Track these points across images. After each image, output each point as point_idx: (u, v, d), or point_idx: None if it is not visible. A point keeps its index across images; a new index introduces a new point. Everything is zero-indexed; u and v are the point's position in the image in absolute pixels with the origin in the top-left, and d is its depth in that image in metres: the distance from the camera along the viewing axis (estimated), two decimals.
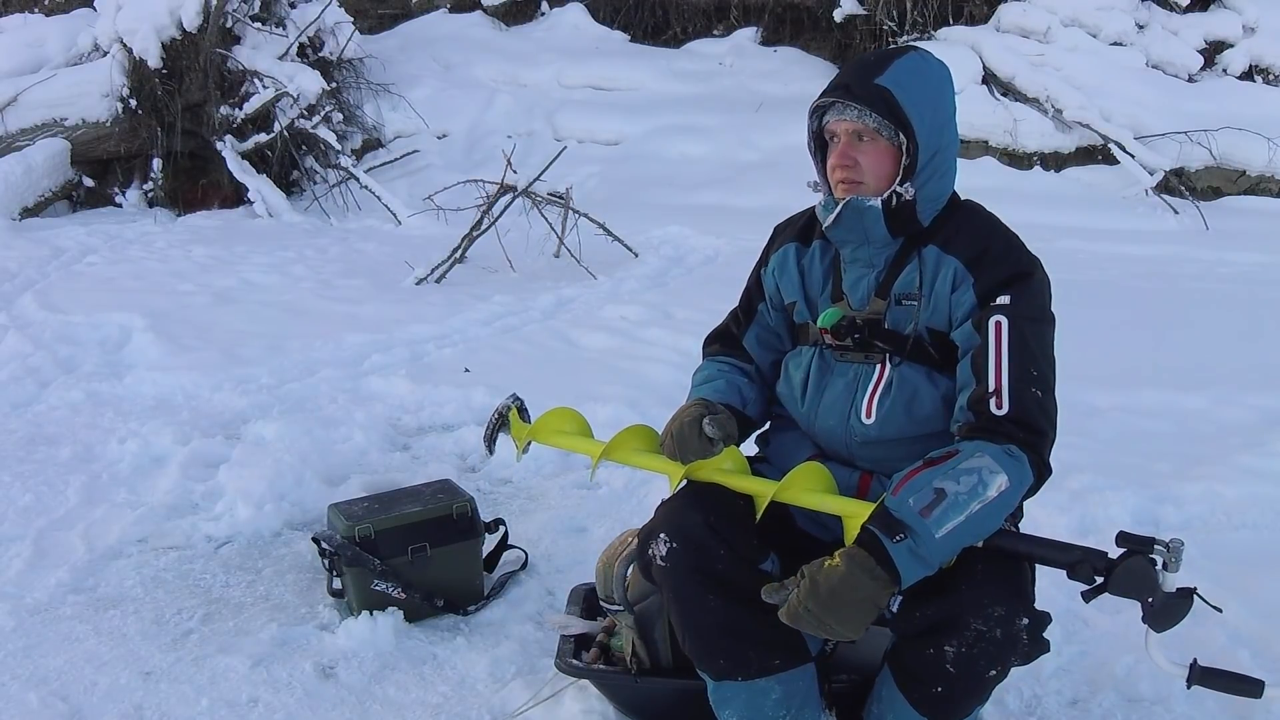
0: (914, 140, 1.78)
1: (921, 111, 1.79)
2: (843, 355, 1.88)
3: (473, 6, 11.27)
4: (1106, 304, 5.54)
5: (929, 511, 1.57)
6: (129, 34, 8.18)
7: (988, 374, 1.71)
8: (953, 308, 1.80)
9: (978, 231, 1.84)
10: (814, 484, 1.75)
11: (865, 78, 1.79)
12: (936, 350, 1.82)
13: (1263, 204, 8.35)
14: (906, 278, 1.84)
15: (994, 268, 1.78)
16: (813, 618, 1.59)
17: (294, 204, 8.37)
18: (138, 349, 4.64)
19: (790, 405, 1.97)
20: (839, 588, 1.57)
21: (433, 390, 4.14)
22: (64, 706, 2.22)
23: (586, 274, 6.21)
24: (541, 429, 2.07)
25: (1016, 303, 1.75)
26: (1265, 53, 9.24)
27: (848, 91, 1.79)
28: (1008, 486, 1.62)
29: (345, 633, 2.47)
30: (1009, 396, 1.69)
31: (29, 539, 2.92)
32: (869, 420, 1.83)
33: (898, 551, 1.56)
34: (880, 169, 1.81)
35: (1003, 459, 1.64)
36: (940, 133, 1.83)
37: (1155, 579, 1.60)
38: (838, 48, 10.39)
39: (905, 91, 1.78)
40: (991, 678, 1.70)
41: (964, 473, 1.61)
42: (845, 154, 1.81)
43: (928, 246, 1.83)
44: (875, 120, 1.78)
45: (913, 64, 1.82)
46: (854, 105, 1.78)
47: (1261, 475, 3.28)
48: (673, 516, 1.82)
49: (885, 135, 1.79)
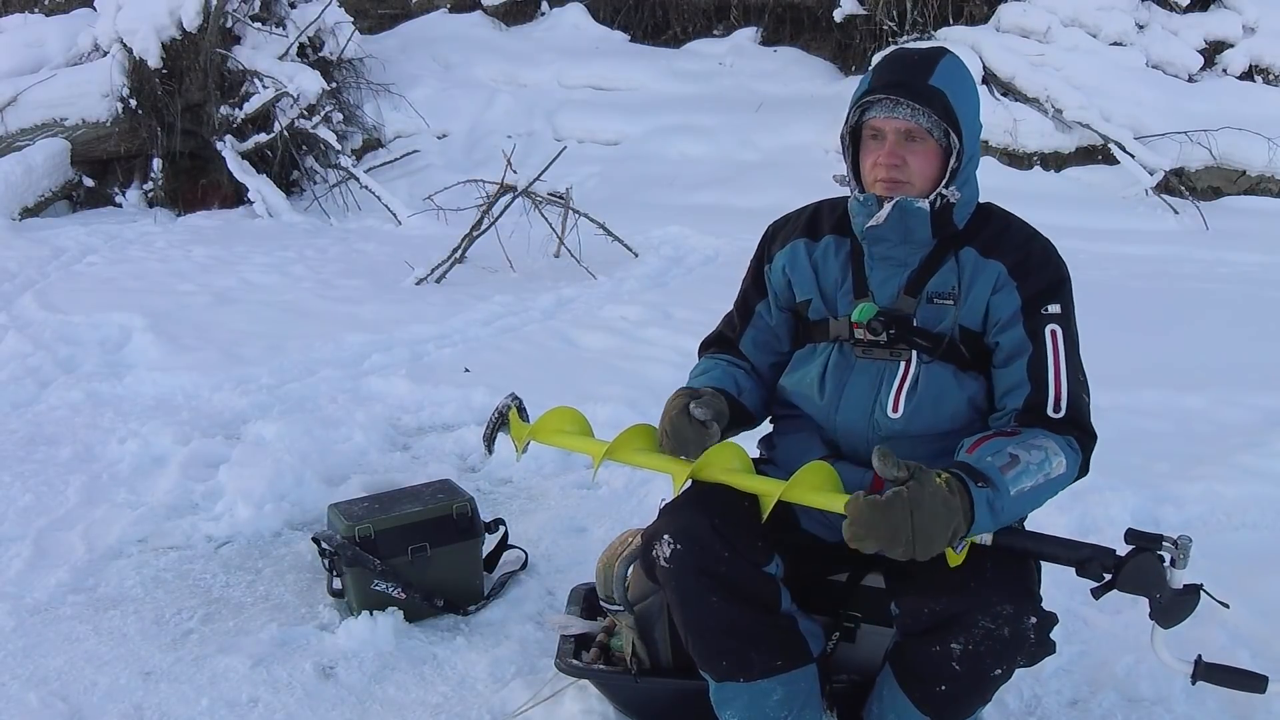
0: (963, 143, 1.79)
1: (967, 114, 1.80)
2: (865, 352, 1.87)
3: (473, 6, 11.27)
4: (1106, 304, 5.53)
5: (1007, 470, 1.62)
6: (129, 34, 8.18)
7: (1048, 381, 1.76)
8: (992, 310, 1.81)
9: (1017, 237, 1.87)
10: (820, 483, 1.74)
11: (919, 76, 1.78)
12: (968, 349, 1.83)
13: (1263, 204, 8.34)
14: (942, 278, 1.84)
15: (1038, 274, 1.82)
16: (899, 517, 1.53)
17: (294, 204, 8.37)
18: (138, 349, 4.64)
19: (804, 403, 1.94)
20: (938, 503, 1.54)
21: (433, 390, 4.14)
22: (64, 706, 2.22)
23: (586, 274, 6.21)
24: (541, 429, 2.05)
25: (1065, 311, 1.81)
26: (1265, 53, 9.23)
27: (905, 89, 1.76)
28: (1064, 471, 1.69)
29: (345, 633, 2.47)
30: (1066, 401, 1.76)
31: (29, 539, 2.92)
32: (895, 415, 1.83)
33: (979, 496, 1.58)
34: (928, 169, 1.81)
35: (1064, 446, 1.71)
36: (977, 137, 1.86)
37: (1163, 575, 1.62)
38: (838, 48, 10.39)
39: (955, 94, 1.78)
40: (997, 677, 1.70)
41: (1034, 447, 1.67)
42: (894, 153, 1.79)
43: (964, 249, 1.84)
44: (929, 120, 1.77)
45: (956, 66, 1.82)
46: (908, 104, 1.76)
47: (1261, 475, 3.28)
48: (677, 518, 1.81)
49: (935, 136, 1.79)
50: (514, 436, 2.13)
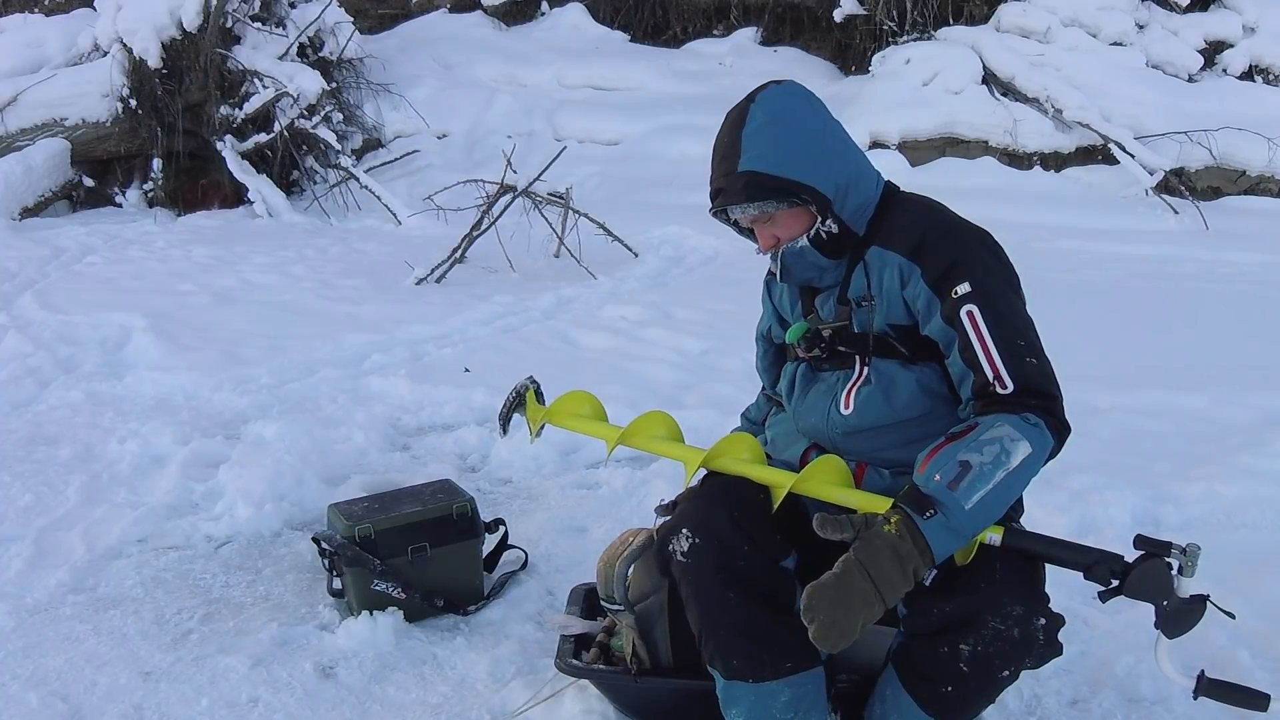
0: (808, 192, 1.78)
1: (800, 164, 1.78)
2: (821, 366, 1.95)
3: (473, 6, 11.28)
4: (1106, 304, 5.54)
5: (956, 484, 1.58)
6: (129, 34, 8.19)
7: (980, 364, 1.72)
8: (909, 301, 1.81)
9: (911, 222, 1.84)
10: (832, 477, 1.76)
11: (731, 169, 1.80)
12: (904, 345, 1.84)
13: (1263, 204, 8.36)
14: (857, 282, 1.87)
15: (936, 253, 1.78)
16: (852, 584, 1.56)
17: (294, 204, 8.38)
18: (138, 349, 4.65)
19: (784, 403, 2.06)
20: (888, 554, 1.56)
21: (433, 390, 4.14)
22: (64, 706, 2.22)
23: (586, 274, 6.21)
24: (557, 411, 2.07)
25: (976, 285, 1.74)
26: (1265, 53, 9.25)
27: (726, 196, 1.82)
28: (1030, 453, 1.63)
29: (345, 633, 2.47)
30: (1009, 375, 1.71)
31: (29, 539, 2.92)
32: (847, 411, 1.87)
33: (929, 528, 1.56)
34: (798, 227, 1.85)
35: (1022, 426, 1.65)
36: (836, 163, 1.82)
37: (1171, 582, 1.61)
38: (838, 48, 10.40)
39: (771, 160, 1.77)
40: (1004, 678, 1.70)
41: (986, 444, 1.62)
42: (765, 237, 1.87)
43: (870, 249, 1.86)
44: (762, 205, 1.81)
45: (767, 118, 1.80)
46: (737, 206, 1.82)
47: (1261, 475, 3.27)
48: (696, 512, 1.82)
49: (785, 206, 1.81)
50: (529, 419, 2.15)
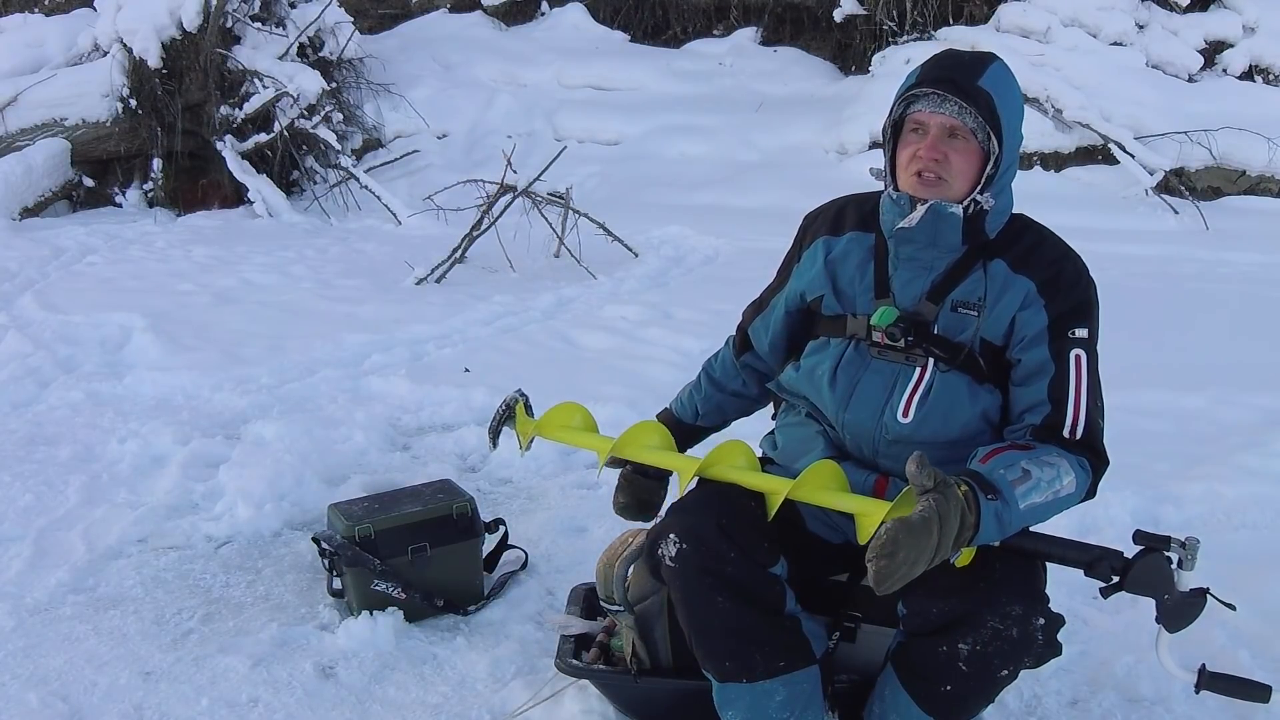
0: (1003, 149, 1.76)
1: (1011, 121, 1.78)
2: (880, 353, 1.84)
3: (473, 6, 11.27)
4: (1106, 304, 5.51)
5: (1017, 485, 1.61)
6: (129, 34, 8.17)
7: (1068, 405, 1.75)
8: (1017, 326, 1.79)
9: (1050, 254, 1.83)
10: (827, 482, 1.74)
11: (969, 76, 1.75)
12: (986, 362, 1.81)
13: (1263, 204, 8.34)
14: (968, 287, 1.81)
15: (1067, 294, 1.80)
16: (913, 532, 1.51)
17: (294, 204, 8.36)
18: (138, 349, 4.64)
19: (814, 394, 1.91)
20: (959, 518, 1.54)
21: (433, 390, 4.14)
22: (64, 706, 2.22)
23: (586, 274, 6.21)
24: (547, 424, 2.05)
25: (1091, 336, 1.81)
26: (1265, 53, 9.23)
27: (954, 86, 1.74)
28: (1073, 490, 1.68)
29: (345, 633, 2.47)
30: (1084, 426, 1.76)
31: (29, 539, 2.92)
32: (905, 419, 1.80)
33: (987, 509, 1.57)
34: (967, 170, 1.78)
35: (1075, 466, 1.70)
36: (1017, 148, 1.83)
37: (1171, 576, 1.63)
38: (838, 48, 10.39)
39: (1001, 99, 1.76)
40: (1003, 677, 1.70)
41: (1045, 464, 1.66)
42: (936, 147, 1.76)
43: (995, 261, 1.81)
44: (974, 120, 1.75)
45: (1005, 73, 1.80)
46: (955, 100, 1.74)
47: (1261, 475, 3.28)
48: (683, 517, 1.81)
49: (979, 138, 1.77)
50: (519, 432, 2.12)
